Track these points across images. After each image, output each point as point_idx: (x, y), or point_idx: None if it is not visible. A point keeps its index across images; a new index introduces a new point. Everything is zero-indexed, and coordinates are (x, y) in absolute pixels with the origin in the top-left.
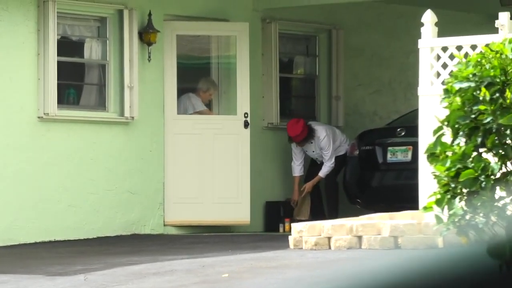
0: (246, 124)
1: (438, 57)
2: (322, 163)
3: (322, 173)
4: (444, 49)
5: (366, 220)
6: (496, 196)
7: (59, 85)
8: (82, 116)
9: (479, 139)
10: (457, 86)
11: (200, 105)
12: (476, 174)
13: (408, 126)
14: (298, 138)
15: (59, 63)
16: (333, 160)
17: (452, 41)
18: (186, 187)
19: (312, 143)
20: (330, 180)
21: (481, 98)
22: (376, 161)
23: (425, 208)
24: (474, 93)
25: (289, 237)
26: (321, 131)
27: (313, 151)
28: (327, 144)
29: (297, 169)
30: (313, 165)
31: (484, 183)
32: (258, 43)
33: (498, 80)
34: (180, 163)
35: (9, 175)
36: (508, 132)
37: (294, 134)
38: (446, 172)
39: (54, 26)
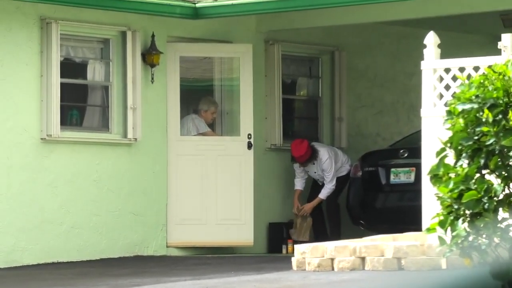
0: (249, 145)
1: (441, 79)
2: (323, 184)
3: (323, 195)
4: (447, 70)
5: (369, 242)
6: (499, 218)
7: (62, 107)
8: (85, 137)
9: (482, 161)
10: (460, 107)
11: (204, 126)
12: (479, 195)
13: (411, 147)
14: (301, 159)
15: (62, 84)
16: (334, 182)
17: (455, 63)
18: (189, 208)
19: (314, 164)
20: (331, 201)
21: (484, 120)
22: (379, 182)
23: (428, 229)
24: (477, 114)
25: (292, 258)
26: (324, 153)
27: (315, 172)
28: (329, 166)
29: (299, 183)
30: (314, 187)
31: (487, 204)
32: (261, 64)
33: (501, 101)
34: (183, 184)
35: (12, 196)
36: (511, 153)
37: (298, 155)
38: (449, 193)
39: (57, 47)
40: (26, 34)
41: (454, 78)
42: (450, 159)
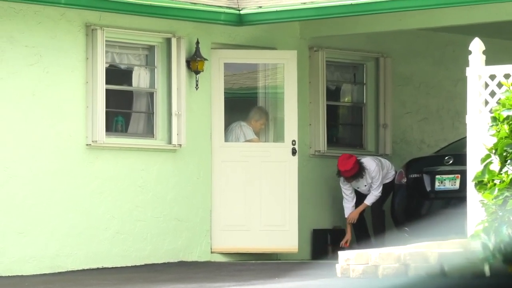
0: (293, 152)
1: (486, 85)
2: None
3: (368, 201)
4: (492, 77)
5: (414, 249)
6: None
7: (107, 113)
8: (130, 143)
9: None
10: (504, 114)
11: (251, 133)
12: None
13: (456, 154)
14: (347, 174)
15: (107, 91)
16: (380, 189)
17: (500, 69)
18: (233, 214)
19: (363, 177)
20: (377, 208)
21: None
22: (424, 189)
23: (472, 236)
24: None
25: (337, 265)
26: (371, 163)
27: (365, 186)
28: (377, 174)
29: (351, 210)
30: (359, 194)
31: None
32: (305, 71)
33: None
34: (227, 191)
35: (57, 202)
36: None
37: (344, 169)
38: (494, 200)
39: (103, 54)
40: (71, 40)
41: (499, 85)
42: (495, 166)
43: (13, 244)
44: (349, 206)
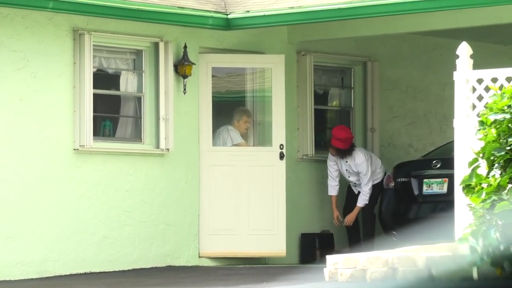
0: (281, 156)
1: (474, 89)
2: (359, 192)
3: (360, 203)
4: (480, 81)
5: (402, 253)
6: None
7: (95, 117)
8: (117, 148)
9: None
10: (492, 117)
11: (238, 137)
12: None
13: (443, 158)
14: (337, 143)
15: (95, 95)
16: (370, 185)
17: (487, 73)
18: (221, 219)
19: (347, 162)
20: (367, 212)
21: None
22: (412, 193)
23: (460, 239)
24: (509, 124)
25: (325, 269)
26: (359, 154)
27: (346, 170)
28: (366, 169)
29: (335, 189)
30: (350, 196)
31: None
32: (293, 75)
33: None
34: (215, 195)
35: (45, 206)
36: None
37: (337, 136)
38: (482, 204)
39: (90, 58)
40: (58, 45)
41: (487, 89)
42: (483, 170)
43: (0, 249)
44: (332, 185)
